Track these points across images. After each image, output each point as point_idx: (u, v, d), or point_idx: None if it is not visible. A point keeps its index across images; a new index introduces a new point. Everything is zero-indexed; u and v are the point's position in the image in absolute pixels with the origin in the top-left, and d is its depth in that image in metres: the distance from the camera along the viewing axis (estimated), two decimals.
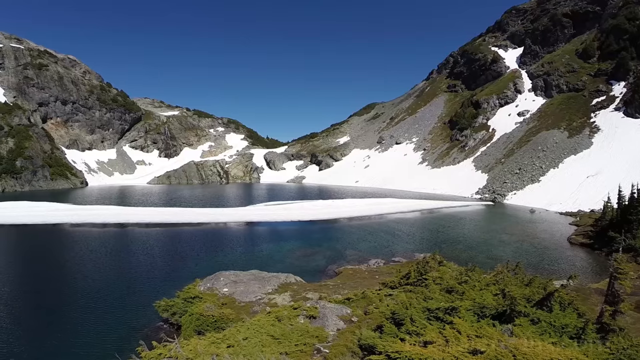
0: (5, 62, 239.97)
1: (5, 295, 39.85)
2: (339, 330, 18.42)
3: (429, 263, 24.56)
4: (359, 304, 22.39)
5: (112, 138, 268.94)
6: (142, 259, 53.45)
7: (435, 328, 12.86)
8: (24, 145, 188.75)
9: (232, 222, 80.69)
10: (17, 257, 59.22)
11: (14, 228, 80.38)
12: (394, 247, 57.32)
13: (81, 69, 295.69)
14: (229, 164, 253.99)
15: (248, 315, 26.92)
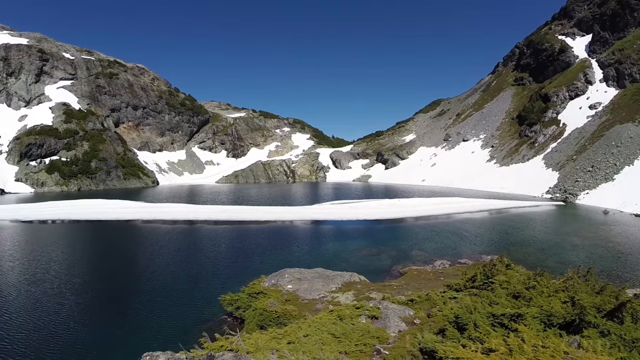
0: (78, 72, 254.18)
1: (77, 286, 42.04)
2: (401, 332, 18.10)
3: (496, 266, 23.71)
4: (422, 306, 21.95)
5: (181, 140, 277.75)
6: (209, 255, 54.85)
7: (499, 335, 12.36)
8: (98, 148, 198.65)
9: (298, 220, 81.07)
10: (91, 251, 62.04)
11: (89, 224, 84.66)
12: (461, 248, 55.78)
13: (150, 76, 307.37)
14: (295, 163, 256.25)
15: (310, 312, 26.99)
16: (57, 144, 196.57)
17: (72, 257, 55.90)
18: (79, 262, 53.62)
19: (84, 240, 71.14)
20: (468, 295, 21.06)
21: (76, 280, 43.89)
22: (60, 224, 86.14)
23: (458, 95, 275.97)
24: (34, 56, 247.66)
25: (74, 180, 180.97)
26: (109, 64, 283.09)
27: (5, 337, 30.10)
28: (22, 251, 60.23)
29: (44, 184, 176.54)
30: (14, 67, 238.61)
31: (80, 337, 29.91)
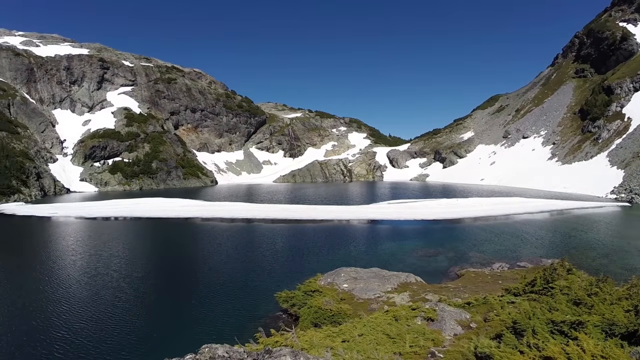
0: (138, 79, 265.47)
1: (136, 280, 43.68)
2: (456, 335, 17.83)
3: (557, 270, 22.93)
4: (479, 310, 21.50)
5: (239, 141, 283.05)
6: (266, 252, 55.50)
7: (557, 343, 11.95)
8: (158, 149, 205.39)
9: (354, 220, 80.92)
10: (151, 247, 64.37)
11: (150, 221, 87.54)
12: (520, 251, 53.88)
13: (207, 79, 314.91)
14: (352, 163, 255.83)
15: (365, 312, 26.79)
16: (120, 146, 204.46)
17: (133, 253, 58.08)
18: (138, 257, 55.75)
19: (144, 237, 73.89)
20: (527, 300, 20.49)
21: (135, 275, 45.70)
22: (122, 220, 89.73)
23: (517, 90, 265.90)
24: (95, 65, 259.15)
25: (135, 180, 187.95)
26: (167, 69, 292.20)
27: (67, 326, 31.63)
28: (85, 246, 63.16)
29: (107, 184, 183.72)
30: (77, 76, 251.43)
31: (138, 329, 31.13)
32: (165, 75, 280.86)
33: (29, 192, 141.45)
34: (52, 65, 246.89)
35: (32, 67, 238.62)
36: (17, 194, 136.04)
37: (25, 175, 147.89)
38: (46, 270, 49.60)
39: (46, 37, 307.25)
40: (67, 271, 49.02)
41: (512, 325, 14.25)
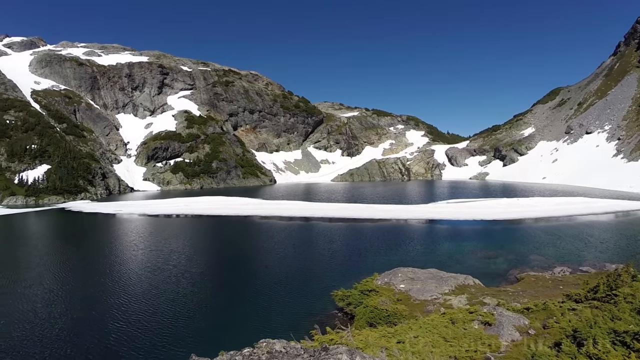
0: (197, 83, 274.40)
1: (195, 276, 45.00)
2: (513, 341, 17.33)
3: (621, 276, 21.87)
4: (538, 316, 20.76)
5: (297, 140, 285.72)
6: (323, 251, 55.79)
7: (619, 354, 11.46)
8: (218, 150, 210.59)
9: (413, 219, 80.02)
10: (210, 244, 66.06)
11: (210, 218, 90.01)
12: (583, 255, 51.16)
13: (263, 81, 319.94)
14: (410, 161, 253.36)
15: (421, 313, 26.50)
16: (181, 147, 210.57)
17: (192, 249, 59.61)
18: (198, 253, 57.11)
19: (204, 234, 75.79)
20: (588, 308, 19.71)
21: (194, 270, 46.93)
22: (183, 218, 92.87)
23: (578, 82, 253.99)
24: (154, 71, 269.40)
25: (196, 179, 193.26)
26: (224, 73, 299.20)
27: (124, 318, 32.95)
28: (146, 242, 65.76)
29: (169, 183, 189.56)
30: (138, 82, 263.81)
31: (195, 322, 31.99)
32: (222, 78, 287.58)
33: (94, 191, 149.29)
34: (114, 73, 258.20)
35: (95, 75, 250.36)
36: (83, 193, 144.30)
37: (92, 175, 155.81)
38: (108, 263, 51.99)
39: (107, 47, 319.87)
40: (129, 265, 51.35)
41: (572, 333, 13.77)
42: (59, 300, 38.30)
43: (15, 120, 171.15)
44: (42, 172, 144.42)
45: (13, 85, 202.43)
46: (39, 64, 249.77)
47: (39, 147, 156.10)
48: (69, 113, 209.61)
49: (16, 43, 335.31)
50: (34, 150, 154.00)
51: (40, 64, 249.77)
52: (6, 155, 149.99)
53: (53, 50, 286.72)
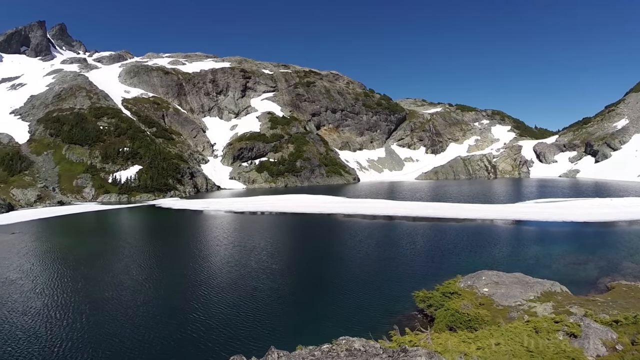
0: (278, 85, 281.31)
1: (275, 272, 46.09)
2: (599, 356, 16.37)
3: None
4: (628, 330, 19.38)
5: (380, 138, 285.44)
6: (405, 250, 55.35)
7: None
8: (302, 149, 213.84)
9: (499, 220, 77.12)
10: (293, 241, 67.61)
11: (294, 216, 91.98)
12: None
13: (344, 80, 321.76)
14: (496, 158, 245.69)
15: (504, 319, 25.67)
16: (265, 147, 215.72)
17: (274, 246, 60.79)
18: (280, 250, 58.25)
19: (287, 231, 77.23)
20: None
21: (275, 267, 47.86)
22: (267, 215, 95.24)
23: None
24: (237, 76, 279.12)
25: (281, 178, 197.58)
26: (305, 74, 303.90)
27: (203, 309, 34.34)
28: (230, 237, 68.20)
29: (255, 182, 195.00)
30: (222, 86, 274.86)
31: (273, 317, 32.72)
32: (303, 79, 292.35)
33: (183, 189, 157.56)
34: (198, 79, 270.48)
35: (181, 82, 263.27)
36: (172, 191, 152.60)
37: (180, 174, 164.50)
38: (193, 257, 54.56)
39: (190, 56, 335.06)
40: (212, 259, 53.57)
41: None
42: (143, 289, 41.02)
43: (109, 126, 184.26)
44: (134, 172, 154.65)
45: (105, 95, 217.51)
46: (128, 75, 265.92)
47: (131, 149, 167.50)
48: (158, 118, 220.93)
49: (105, 57, 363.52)
50: (127, 153, 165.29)
51: (129, 75, 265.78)
52: (101, 158, 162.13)
53: (140, 62, 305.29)
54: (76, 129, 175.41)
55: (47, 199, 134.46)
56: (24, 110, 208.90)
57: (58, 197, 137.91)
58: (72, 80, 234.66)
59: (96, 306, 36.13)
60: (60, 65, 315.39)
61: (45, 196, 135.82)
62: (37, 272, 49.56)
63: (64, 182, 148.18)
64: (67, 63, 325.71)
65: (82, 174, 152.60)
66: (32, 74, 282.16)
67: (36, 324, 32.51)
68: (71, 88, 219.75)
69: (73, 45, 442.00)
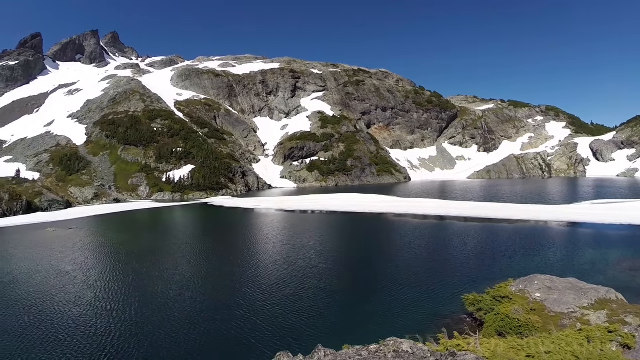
0: (328, 84, 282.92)
1: (323, 271, 46.05)
2: None
3: None
4: None
5: (431, 136, 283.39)
6: (456, 251, 54.52)
7: None
8: (352, 148, 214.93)
9: (553, 221, 75.10)
10: (343, 240, 67.50)
11: (345, 215, 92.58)
12: None
13: (394, 78, 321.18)
14: (550, 156, 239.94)
15: (555, 327, 25.18)
16: (316, 147, 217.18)
17: (323, 245, 61.05)
18: (329, 249, 58.42)
19: (337, 230, 77.45)
20: None
21: (323, 266, 48.02)
22: (318, 214, 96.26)
23: None
24: (287, 76, 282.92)
25: (331, 177, 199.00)
26: (354, 72, 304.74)
27: (248, 306, 35.05)
28: (280, 235, 69.34)
29: (305, 180, 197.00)
30: (272, 87, 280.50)
31: (319, 316, 32.95)
32: (353, 78, 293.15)
33: (235, 188, 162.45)
34: (248, 81, 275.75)
35: (231, 84, 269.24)
36: (224, 189, 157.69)
37: (232, 173, 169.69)
38: (241, 254, 55.72)
39: (240, 58, 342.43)
40: (260, 257, 54.66)
41: None
42: (190, 285, 42.14)
43: (162, 127, 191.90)
44: (187, 171, 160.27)
45: (158, 98, 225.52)
46: (180, 78, 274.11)
47: (184, 149, 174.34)
48: (209, 119, 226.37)
49: (157, 62, 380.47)
50: (180, 153, 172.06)
51: (180, 78, 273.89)
52: (155, 158, 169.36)
53: (191, 65, 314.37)
54: (131, 131, 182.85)
55: (104, 197, 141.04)
56: (81, 114, 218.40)
57: (114, 195, 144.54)
58: (126, 84, 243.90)
59: (144, 300, 37.70)
60: (114, 71, 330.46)
61: (101, 194, 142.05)
62: (90, 265, 52.41)
63: (120, 181, 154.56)
64: (120, 69, 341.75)
65: (137, 173, 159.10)
66: (88, 80, 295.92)
67: (86, 314, 34.36)
68: (125, 92, 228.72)
69: (125, 51, 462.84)
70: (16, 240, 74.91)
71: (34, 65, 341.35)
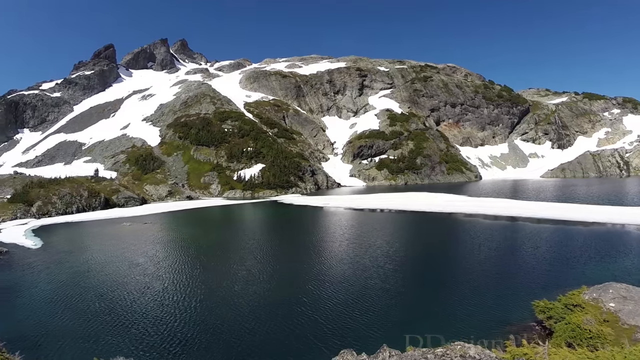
0: (395, 81, 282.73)
1: (389, 272, 46.07)
2: None
3: None
4: None
5: (502, 133, 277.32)
6: (527, 254, 53.14)
7: None
8: (422, 146, 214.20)
9: (632, 225, 70.92)
10: (410, 240, 67.54)
11: (413, 214, 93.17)
12: None
13: (462, 73, 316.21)
14: (629, 153, 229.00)
15: (629, 340, 24.41)
16: (385, 145, 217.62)
17: (390, 244, 61.18)
18: (395, 249, 58.50)
19: (405, 229, 77.87)
20: None
21: (388, 266, 48.24)
22: (387, 213, 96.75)
23: None
24: (353, 75, 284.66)
25: (400, 175, 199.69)
26: (421, 68, 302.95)
27: (313, 304, 36.04)
28: (346, 234, 70.29)
29: (374, 179, 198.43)
30: (339, 86, 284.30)
31: (385, 316, 33.38)
32: (420, 74, 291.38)
33: (304, 186, 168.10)
34: (316, 81, 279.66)
35: (299, 84, 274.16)
36: (294, 188, 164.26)
37: (301, 172, 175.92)
38: (307, 252, 57.39)
39: (306, 59, 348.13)
40: (326, 255, 55.57)
41: None
42: (255, 280, 43.98)
43: (232, 128, 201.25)
44: (257, 170, 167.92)
45: (228, 100, 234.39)
46: (248, 80, 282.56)
47: (254, 149, 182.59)
48: (278, 119, 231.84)
49: (225, 66, 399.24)
50: (250, 152, 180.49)
51: (248, 80, 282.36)
52: (226, 157, 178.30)
53: (258, 68, 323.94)
54: (203, 132, 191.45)
55: (177, 194, 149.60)
56: (155, 117, 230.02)
57: (187, 193, 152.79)
58: (197, 88, 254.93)
59: (209, 293, 40.10)
60: (184, 76, 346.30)
61: (175, 192, 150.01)
62: (161, 257, 56.30)
63: (192, 179, 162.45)
64: (191, 73, 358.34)
65: (209, 172, 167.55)
66: (160, 85, 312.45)
67: (153, 304, 37.32)
68: (196, 95, 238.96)
69: (194, 57, 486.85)
70: (93, 233, 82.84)
71: (108, 73, 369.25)
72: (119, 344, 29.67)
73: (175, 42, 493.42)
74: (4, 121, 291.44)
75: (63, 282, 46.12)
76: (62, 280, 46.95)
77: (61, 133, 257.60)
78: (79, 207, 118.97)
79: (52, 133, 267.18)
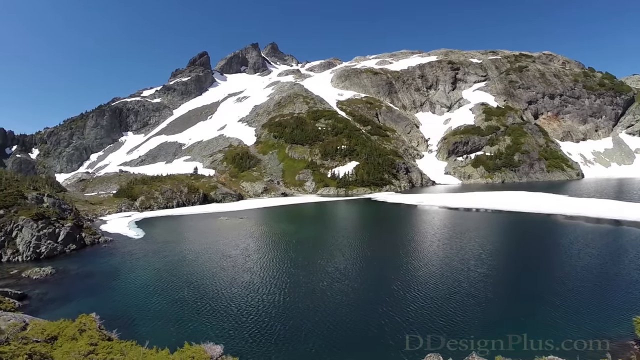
0: (489, 73, 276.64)
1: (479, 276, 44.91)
2: None
3: None
4: None
5: (605, 126, 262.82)
6: (631, 263, 48.34)
7: None
8: (519, 142, 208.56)
9: None
10: (506, 242, 65.86)
11: (510, 214, 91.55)
12: None
13: (559, 61, 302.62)
14: None
15: None
16: (481, 141, 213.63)
17: (483, 246, 59.75)
18: (488, 251, 56.78)
19: (500, 230, 76.23)
20: None
21: (479, 270, 46.88)
22: (482, 212, 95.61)
23: None
24: (445, 68, 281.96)
25: (497, 173, 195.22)
26: (515, 58, 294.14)
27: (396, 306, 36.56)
28: (438, 234, 69.99)
29: (470, 177, 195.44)
30: (431, 81, 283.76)
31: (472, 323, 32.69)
32: (514, 64, 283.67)
33: (398, 184, 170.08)
34: (407, 76, 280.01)
35: (390, 81, 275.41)
36: (388, 185, 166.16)
37: (395, 169, 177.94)
38: (397, 251, 58.12)
39: (396, 54, 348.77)
40: (415, 255, 55.65)
41: None
42: (341, 277, 45.38)
43: (326, 126, 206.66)
44: (351, 167, 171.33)
45: (320, 99, 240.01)
46: (339, 79, 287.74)
47: (348, 147, 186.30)
48: (371, 116, 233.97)
49: (316, 66, 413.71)
50: (344, 150, 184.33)
51: (340, 79, 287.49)
52: (320, 155, 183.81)
53: (349, 66, 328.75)
54: (297, 131, 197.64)
55: (272, 191, 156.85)
56: (250, 118, 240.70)
57: (282, 190, 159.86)
58: (289, 89, 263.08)
59: (295, 287, 42.42)
60: (277, 77, 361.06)
61: (270, 188, 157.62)
62: (252, 250, 60.14)
63: (287, 177, 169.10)
64: (282, 75, 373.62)
65: (304, 170, 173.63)
66: (253, 88, 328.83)
67: (240, 294, 40.51)
68: (289, 96, 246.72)
69: (285, 59, 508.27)
70: (191, 226, 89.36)
71: (204, 79, 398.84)
72: (207, 330, 32.63)
73: (265, 46, 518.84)
74: (109, 125, 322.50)
75: (159, 269, 51.40)
76: (158, 267, 52.38)
77: (162, 135, 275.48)
78: (179, 202, 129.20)
79: (153, 135, 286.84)
